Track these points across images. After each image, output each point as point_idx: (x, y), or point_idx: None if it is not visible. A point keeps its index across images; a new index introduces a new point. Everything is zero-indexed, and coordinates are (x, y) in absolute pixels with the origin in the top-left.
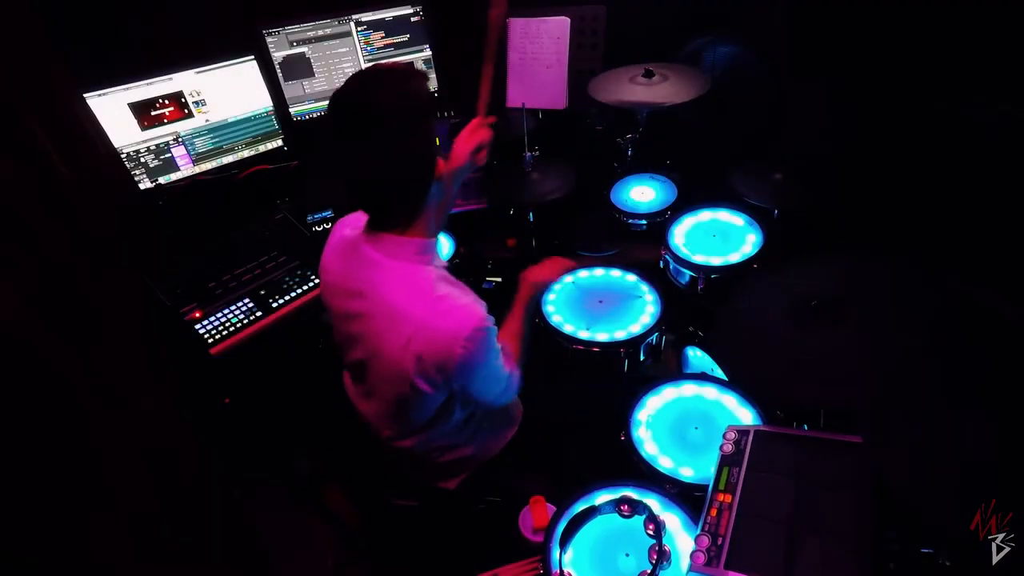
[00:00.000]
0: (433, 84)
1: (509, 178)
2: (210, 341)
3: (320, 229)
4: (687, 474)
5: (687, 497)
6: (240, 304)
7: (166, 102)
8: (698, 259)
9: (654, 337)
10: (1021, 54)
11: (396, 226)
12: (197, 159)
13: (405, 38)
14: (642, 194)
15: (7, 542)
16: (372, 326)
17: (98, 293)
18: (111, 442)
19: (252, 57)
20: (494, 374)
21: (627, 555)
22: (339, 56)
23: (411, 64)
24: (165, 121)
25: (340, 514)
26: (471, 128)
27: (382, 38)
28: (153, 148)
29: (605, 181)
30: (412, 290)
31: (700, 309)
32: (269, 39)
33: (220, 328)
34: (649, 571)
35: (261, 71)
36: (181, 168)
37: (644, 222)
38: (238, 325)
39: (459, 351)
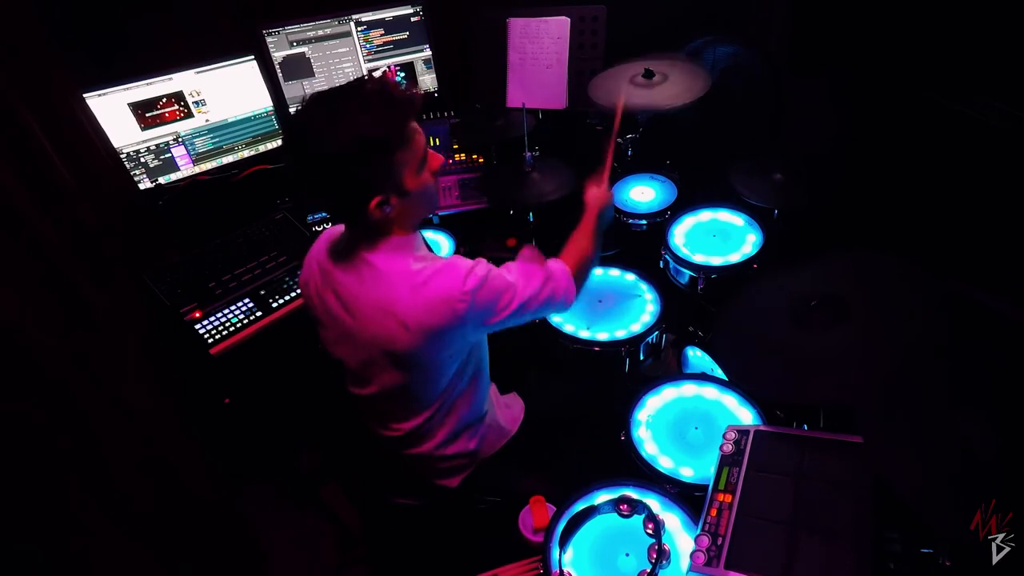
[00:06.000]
0: (432, 84)
1: (509, 178)
2: (210, 341)
3: (320, 229)
4: (687, 474)
5: (687, 497)
6: (240, 304)
7: (166, 102)
8: (698, 259)
9: (654, 336)
10: (1021, 52)
11: (366, 234)
12: (197, 159)
13: (405, 37)
14: (642, 194)
15: (8, 542)
16: (362, 322)
17: (98, 293)
18: (111, 443)
19: (252, 57)
20: (523, 299)
21: (627, 555)
22: (339, 56)
23: (381, 81)
24: (165, 121)
25: (340, 514)
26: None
27: (381, 36)
28: (153, 148)
29: None
30: (394, 277)
31: (700, 309)
32: (269, 39)
33: (220, 328)
34: (649, 570)
35: (261, 71)
36: (181, 168)
37: (644, 222)
38: (238, 325)
39: (462, 306)
